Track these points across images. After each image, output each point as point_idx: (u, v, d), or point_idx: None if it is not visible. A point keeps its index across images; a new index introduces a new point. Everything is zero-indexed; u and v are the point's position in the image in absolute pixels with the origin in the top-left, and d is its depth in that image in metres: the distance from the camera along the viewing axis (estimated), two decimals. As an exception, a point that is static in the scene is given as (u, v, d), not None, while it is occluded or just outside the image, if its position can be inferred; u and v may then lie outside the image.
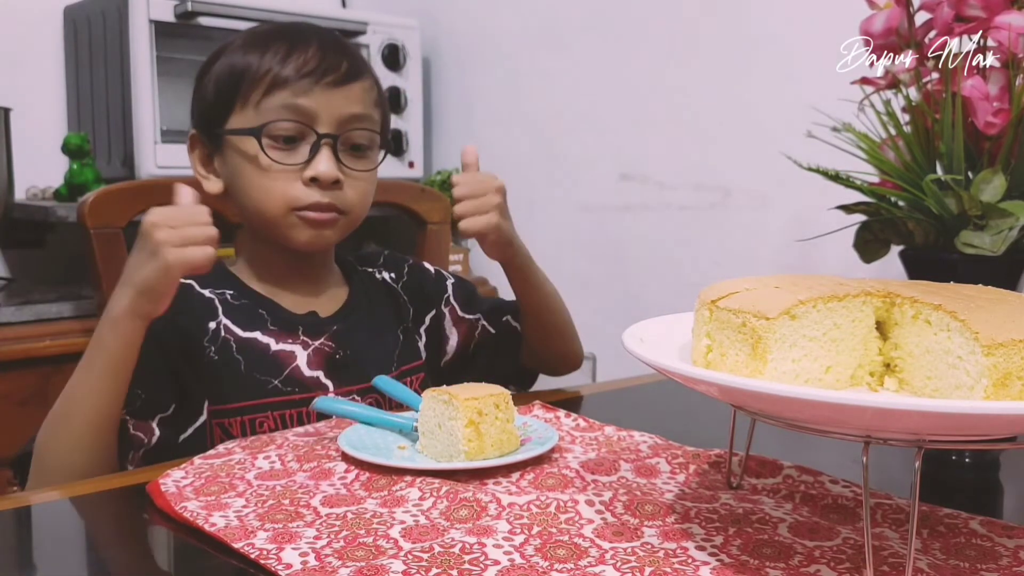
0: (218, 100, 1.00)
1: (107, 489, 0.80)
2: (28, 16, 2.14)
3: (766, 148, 1.63)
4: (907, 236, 0.95)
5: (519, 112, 2.32)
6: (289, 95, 0.97)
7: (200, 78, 1.03)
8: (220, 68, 1.01)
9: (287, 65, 0.97)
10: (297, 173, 0.98)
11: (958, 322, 0.59)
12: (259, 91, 0.97)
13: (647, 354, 0.61)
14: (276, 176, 0.98)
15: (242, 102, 0.98)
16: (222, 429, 0.96)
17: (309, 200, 0.98)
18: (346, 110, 0.99)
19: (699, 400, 0.73)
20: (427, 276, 1.19)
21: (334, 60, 0.99)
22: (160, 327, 0.94)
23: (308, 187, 0.98)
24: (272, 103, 0.97)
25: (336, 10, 2.52)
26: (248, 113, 0.98)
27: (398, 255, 1.21)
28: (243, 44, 1.00)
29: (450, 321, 1.17)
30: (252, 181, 0.99)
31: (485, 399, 0.79)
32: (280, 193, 0.98)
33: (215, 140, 1.01)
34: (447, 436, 0.79)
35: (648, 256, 2.06)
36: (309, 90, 0.97)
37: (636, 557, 0.61)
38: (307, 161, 0.98)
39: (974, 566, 0.61)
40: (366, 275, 1.15)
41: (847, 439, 0.58)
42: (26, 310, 1.77)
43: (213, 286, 1.02)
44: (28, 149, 1.98)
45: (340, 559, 0.61)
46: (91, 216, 1.17)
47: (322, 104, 0.97)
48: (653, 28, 2.01)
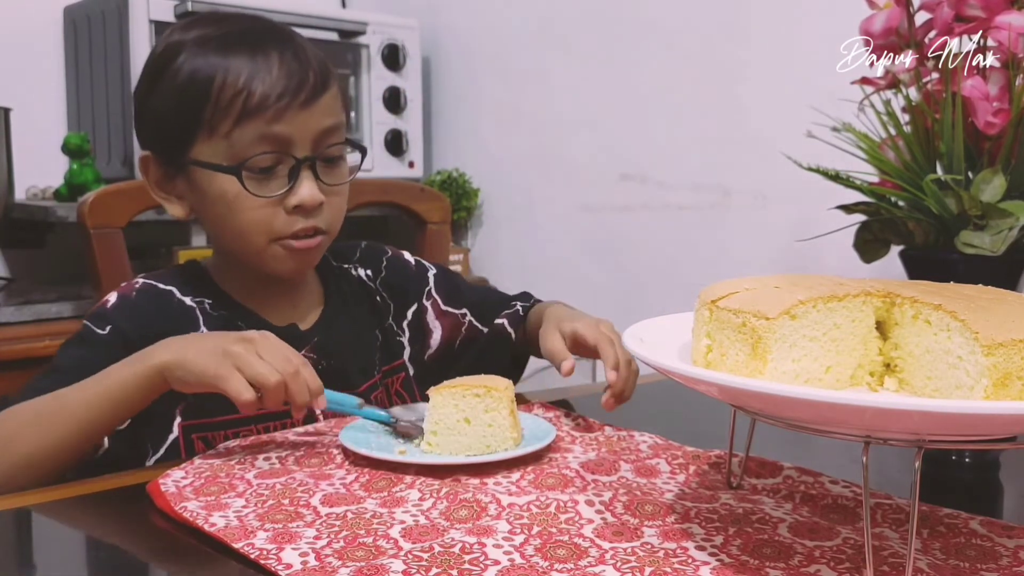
0: (179, 122, 0.93)
1: (107, 489, 0.80)
2: (28, 16, 2.14)
3: (766, 148, 1.63)
4: (907, 236, 0.95)
5: (519, 112, 2.32)
6: (263, 124, 0.90)
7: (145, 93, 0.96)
8: (172, 86, 0.93)
9: (253, 91, 0.90)
10: (278, 203, 0.93)
11: (958, 322, 0.59)
12: (227, 121, 0.90)
13: (647, 354, 0.61)
14: (256, 209, 0.92)
15: (208, 131, 0.91)
16: (205, 443, 0.93)
17: (293, 228, 0.94)
18: (320, 125, 0.93)
19: (699, 400, 0.73)
20: (407, 269, 1.15)
21: (299, 76, 0.92)
22: (135, 333, 0.91)
23: (291, 215, 0.93)
24: (244, 135, 0.90)
25: (336, 10, 2.52)
26: (217, 144, 0.91)
27: (376, 246, 1.16)
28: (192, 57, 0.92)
29: (433, 315, 1.14)
30: (230, 214, 0.93)
31: (509, 388, 0.82)
32: (262, 225, 0.93)
33: (176, 165, 0.95)
34: (482, 428, 0.80)
35: (648, 256, 2.06)
36: (282, 115, 0.91)
37: (636, 557, 0.61)
38: (288, 189, 0.93)
39: (974, 566, 0.61)
40: (342, 273, 1.10)
41: (847, 439, 0.58)
42: (26, 310, 1.78)
43: (193, 293, 0.99)
44: (28, 149, 1.98)
45: (340, 559, 0.61)
46: (91, 216, 1.17)
47: (297, 127, 0.92)
48: (653, 28, 2.01)
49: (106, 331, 0.93)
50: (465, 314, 1.15)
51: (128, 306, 0.96)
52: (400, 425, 0.88)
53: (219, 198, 0.93)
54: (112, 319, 0.94)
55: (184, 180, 0.96)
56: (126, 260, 1.19)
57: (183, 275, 1.01)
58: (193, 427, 0.94)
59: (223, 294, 1.00)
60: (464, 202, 2.38)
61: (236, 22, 0.97)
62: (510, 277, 2.40)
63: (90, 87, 2.09)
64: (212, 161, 0.92)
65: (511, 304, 1.16)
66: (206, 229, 0.99)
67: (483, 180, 2.41)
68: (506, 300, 1.17)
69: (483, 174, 2.40)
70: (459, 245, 2.46)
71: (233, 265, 1.01)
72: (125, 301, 0.96)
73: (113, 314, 0.95)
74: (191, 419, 0.94)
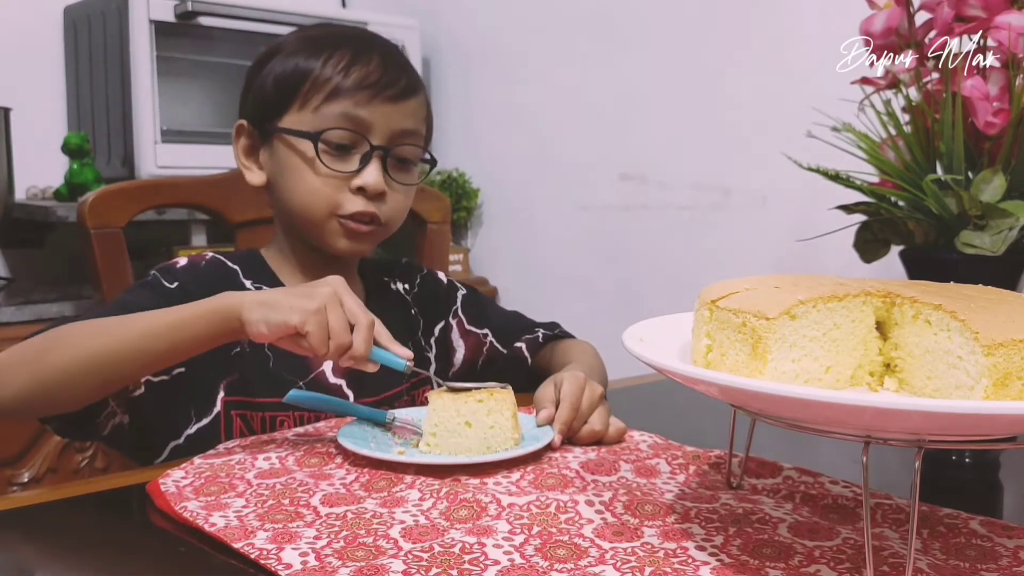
0: (276, 97, 1.01)
1: (107, 489, 0.80)
2: (28, 16, 2.14)
3: (766, 148, 1.63)
4: (907, 236, 0.95)
5: (519, 112, 2.32)
6: (349, 104, 0.98)
7: (255, 72, 1.05)
8: (281, 66, 1.02)
9: (350, 75, 0.99)
10: (345, 181, 0.99)
11: (958, 322, 0.59)
12: (319, 96, 0.99)
13: (647, 354, 0.61)
14: (325, 181, 0.99)
15: (300, 103, 1.00)
16: (244, 421, 0.97)
17: (353, 208, 0.99)
18: (400, 125, 1.00)
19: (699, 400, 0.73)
20: (439, 287, 1.20)
21: (394, 75, 1.00)
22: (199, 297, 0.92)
23: (354, 195, 0.99)
24: (331, 110, 0.98)
25: (336, 10, 2.52)
26: (305, 116, 0.99)
27: (413, 264, 1.22)
28: (306, 46, 1.01)
29: (457, 333, 1.18)
30: (301, 182, 1.00)
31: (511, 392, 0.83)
32: (326, 198, 0.99)
33: (265, 134, 1.03)
34: (483, 431, 0.80)
35: (648, 256, 2.06)
36: (368, 102, 0.99)
37: (636, 557, 0.61)
38: (357, 170, 0.99)
39: (974, 566, 0.61)
40: (383, 284, 1.15)
41: (847, 439, 0.58)
42: (26, 310, 1.78)
43: (255, 278, 1.04)
44: (28, 149, 1.98)
45: (340, 559, 0.61)
46: (91, 216, 1.16)
47: (379, 117, 0.99)
48: (653, 28, 2.01)
49: (174, 285, 0.98)
50: (487, 335, 1.18)
51: (196, 271, 1.01)
52: (396, 425, 0.88)
53: (294, 166, 1.00)
54: (180, 277, 0.99)
55: (268, 150, 1.03)
56: (126, 260, 1.19)
57: (247, 260, 1.06)
58: (234, 404, 0.97)
59: (280, 283, 1.05)
60: (464, 202, 2.38)
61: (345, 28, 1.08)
62: (510, 277, 2.40)
63: (90, 87, 2.08)
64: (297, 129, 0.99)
65: (534, 330, 1.19)
66: (278, 197, 1.04)
67: (483, 180, 2.41)
68: (530, 326, 1.20)
69: (483, 174, 2.40)
70: (459, 245, 2.46)
71: (291, 250, 1.06)
72: (194, 267, 1.02)
73: (182, 273, 1.00)
74: (234, 396, 0.97)
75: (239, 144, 1.06)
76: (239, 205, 1.26)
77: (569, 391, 0.88)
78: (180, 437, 0.96)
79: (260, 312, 0.81)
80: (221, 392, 0.97)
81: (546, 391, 0.90)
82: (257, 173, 1.05)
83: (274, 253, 1.08)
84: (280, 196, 1.03)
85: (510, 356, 1.18)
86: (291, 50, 1.02)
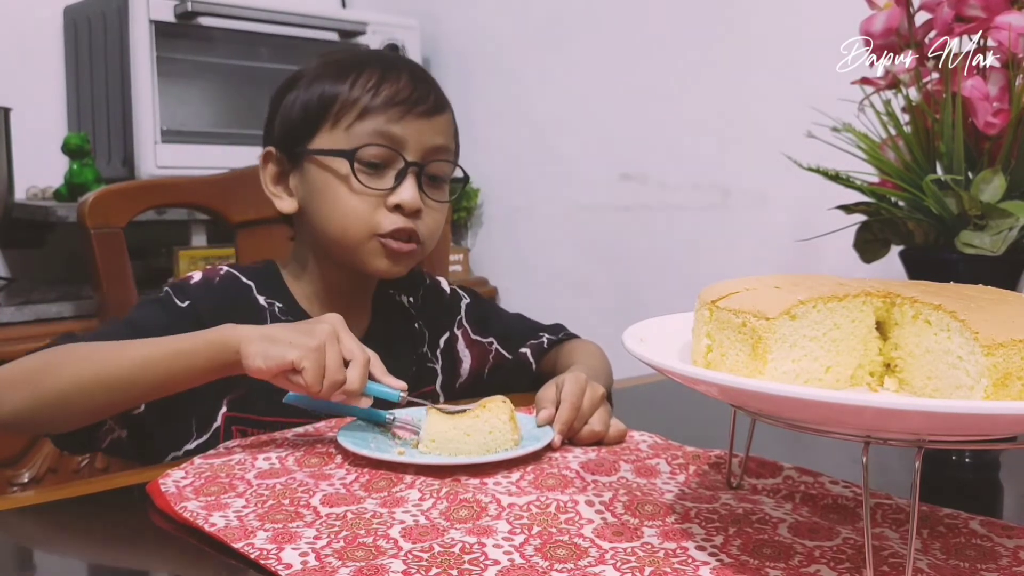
0: (306, 120, 1.00)
1: (107, 489, 0.80)
2: (28, 16, 2.14)
3: (766, 148, 1.63)
4: (907, 236, 0.95)
5: (519, 112, 2.32)
6: (382, 121, 0.98)
7: (278, 100, 1.04)
8: (307, 92, 1.01)
9: (380, 92, 0.98)
10: (381, 199, 0.99)
11: (958, 322, 0.59)
12: (351, 115, 0.98)
13: (647, 354, 0.61)
14: (361, 199, 0.98)
15: (331, 124, 0.99)
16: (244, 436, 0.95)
17: (391, 227, 0.98)
18: (432, 141, 1.00)
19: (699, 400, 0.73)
20: (443, 297, 1.19)
21: (424, 91, 1.01)
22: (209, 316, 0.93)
23: (391, 213, 0.99)
24: (364, 128, 0.98)
25: (336, 10, 2.52)
26: (337, 135, 0.99)
27: (416, 274, 1.20)
28: (330, 70, 1.01)
29: (463, 343, 1.17)
30: (336, 202, 0.99)
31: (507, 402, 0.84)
32: (364, 217, 0.98)
33: (295, 158, 1.02)
34: (484, 436, 0.80)
35: (648, 256, 2.06)
36: (400, 118, 0.98)
37: (636, 557, 0.61)
38: (392, 187, 0.98)
39: (974, 566, 0.61)
40: (388, 297, 1.14)
41: (847, 439, 0.58)
42: (26, 310, 1.77)
43: (268, 294, 1.03)
44: (28, 149, 1.98)
45: (340, 559, 0.61)
46: (91, 216, 1.16)
47: (411, 133, 0.99)
48: (653, 28, 2.01)
49: (185, 304, 0.97)
50: (492, 342, 1.18)
51: (210, 288, 1.00)
52: (396, 425, 0.88)
53: (329, 187, 0.99)
54: (192, 295, 0.98)
55: (298, 175, 1.02)
56: (126, 260, 1.19)
57: (262, 274, 1.05)
58: (236, 420, 0.97)
59: (292, 299, 1.05)
60: (464, 202, 2.38)
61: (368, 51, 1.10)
62: (510, 277, 2.40)
63: (90, 87, 2.08)
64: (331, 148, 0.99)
65: (538, 335, 1.19)
66: (312, 222, 1.03)
67: (483, 180, 2.41)
68: (535, 330, 1.20)
69: (483, 174, 2.40)
70: (459, 245, 2.45)
71: (317, 272, 1.05)
72: (208, 283, 1.01)
73: (195, 291, 0.99)
74: (236, 411, 0.96)
75: (267, 172, 1.04)
76: (239, 205, 1.26)
77: (570, 391, 0.87)
78: (180, 450, 0.96)
79: (259, 346, 0.81)
80: (223, 408, 0.96)
81: (547, 391, 0.90)
82: (288, 200, 1.04)
83: (293, 272, 1.07)
84: (314, 220, 1.02)
85: (515, 362, 1.17)
86: (315, 75, 1.01)
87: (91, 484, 0.81)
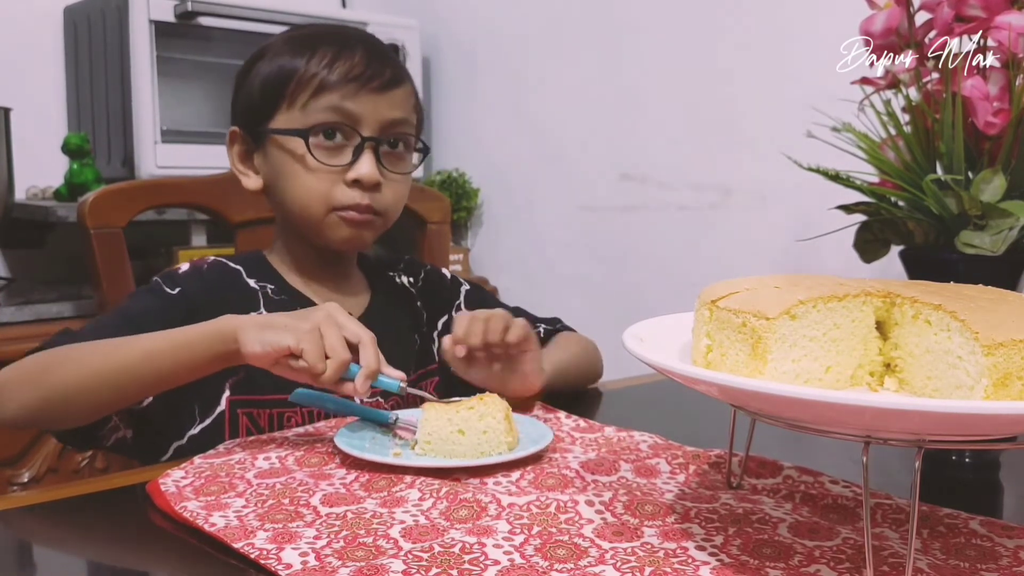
0: (264, 99, 1.02)
1: (107, 489, 0.80)
2: (28, 16, 2.14)
3: (766, 148, 1.63)
4: (907, 236, 0.95)
5: (519, 112, 2.32)
6: (336, 98, 0.99)
7: (243, 77, 1.06)
8: (267, 68, 1.02)
9: (334, 69, 0.99)
10: (339, 174, 1.00)
11: (958, 322, 0.59)
12: (306, 93, 0.99)
13: (647, 354, 0.61)
14: (320, 176, 1.00)
15: (288, 103, 1.00)
16: (250, 419, 0.97)
17: (350, 201, 1.00)
18: (389, 115, 1.01)
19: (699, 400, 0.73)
20: (443, 282, 1.21)
21: (379, 67, 1.01)
22: (203, 301, 0.96)
23: (350, 188, 1.00)
24: (319, 105, 0.99)
25: (336, 10, 2.52)
26: (294, 114, 1.00)
27: (416, 260, 1.23)
28: (289, 46, 1.02)
29: None
30: (296, 180, 1.01)
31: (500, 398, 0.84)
32: (323, 193, 1.00)
33: (258, 137, 1.03)
34: (476, 436, 0.80)
35: (648, 256, 2.06)
36: (355, 94, 0.99)
37: (636, 557, 0.61)
38: (350, 163, 1.00)
39: (974, 566, 0.61)
40: (387, 278, 1.16)
41: (847, 439, 0.58)
42: (26, 310, 1.78)
43: (258, 277, 1.05)
44: (28, 149, 1.98)
45: (340, 559, 0.61)
46: (91, 216, 1.17)
47: (367, 108, 1.00)
48: (653, 28, 2.01)
49: (175, 291, 0.99)
50: None
51: (199, 275, 1.02)
52: (399, 426, 0.88)
53: (288, 166, 1.01)
54: (182, 283, 1.00)
55: (261, 154, 1.04)
56: (126, 260, 1.19)
57: (250, 260, 1.07)
58: (240, 402, 0.97)
59: (284, 281, 1.06)
60: (464, 202, 2.38)
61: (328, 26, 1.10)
62: (510, 277, 2.40)
63: (90, 87, 2.08)
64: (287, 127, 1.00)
65: (535, 325, 1.18)
66: (276, 199, 1.05)
67: (483, 180, 2.41)
68: (532, 320, 1.19)
69: (483, 174, 2.40)
70: (459, 245, 2.45)
71: (291, 251, 1.07)
72: (197, 270, 1.03)
73: (184, 279, 1.01)
74: (240, 394, 0.97)
75: (233, 151, 1.06)
76: (239, 205, 1.26)
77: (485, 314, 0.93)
78: (183, 438, 0.96)
79: (256, 332, 0.82)
80: (227, 391, 0.97)
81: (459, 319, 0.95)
82: (253, 178, 1.05)
83: (276, 254, 1.09)
84: (278, 198, 1.04)
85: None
86: (275, 52, 1.03)
87: (91, 484, 0.81)
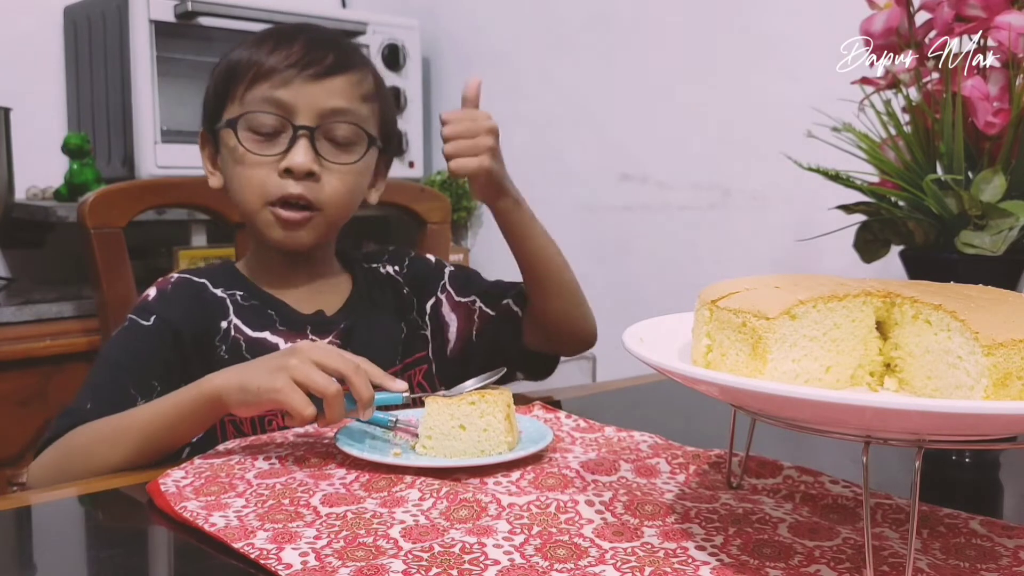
0: (216, 97, 1.03)
1: (107, 489, 0.80)
2: (28, 16, 2.14)
3: (766, 148, 1.63)
4: (907, 236, 0.95)
5: (519, 112, 2.32)
6: (268, 87, 0.98)
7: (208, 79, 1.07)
8: (219, 67, 1.04)
9: (270, 59, 0.99)
10: (274, 165, 0.99)
11: (958, 322, 0.59)
12: (243, 84, 0.99)
13: (647, 354, 0.61)
14: (254, 168, 0.99)
15: (231, 97, 1.01)
16: (234, 426, 0.97)
17: (282, 192, 0.99)
18: (327, 103, 1.00)
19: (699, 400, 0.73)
20: (427, 265, 1.20)
21: (318, 54, 1.00)
22: (178, 321, 0.97)
23: (283, 178, 0.99)
24: (253, 95, 0.99)
25: (336, 10, 2.52)
26: (234, 107, 1.00)
27: (401, 248, 1.22)
28: (243, 44, 1.03)
29: (448, 307, 1.16)
30: (233, 173, 1.01)
31: (505, 393, 0.83)
32: (256, 185, 0.99)
33: (215, 136, 1.04)
34: (477, 434, 0.80)
35: (648, 256, 2.05)
36: (288, 82, 0.98)
37: (636, 557, 0.61)
38: (284, 152, 0.99)
39: (974, 566, 0.61)
40: (370, 270, 1.15)
41: (847, 439, 0.58)
42: (26, 310, 1.77)
43: (225, 286, 1.04)
44: (28, 149, 1.98)
45: (340, 559, 0.61)
46: (91, 216, 1.17)
47: (301, 96, 0.98)
48: (653, 28, 2.01)
49: (151, 321, 0.99)
50: (475, 300, 1.17)
51: (167, 297, 1.02)
52: (399, 427, 0.88)
53: (228, 160, 1.01)
54: (155, 310, 1.00)
55: (219, 152, 1.04)
56: (126, 260, 1.19)
57: (215, 271, 1.07)
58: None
59: (253, 286, 1.06)
60: (464, 202, 2.38)
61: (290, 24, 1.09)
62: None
63: (90, 87, 2.08)
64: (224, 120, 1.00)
65: (518, 286, 1.17)
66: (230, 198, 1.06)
67: (483, 180, 2.41)
68: (515, 284, 1.18)
69: (483, 174, 2.40)
70: (459, 245, 2.45)
71: (257, 254, 1.07)
72: (163, 293, 1.03)
73: (155, 306, 1.01)
74: None
75: (205, 153, 1.07)
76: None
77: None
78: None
79: (237, 396, 0.82)
80: None
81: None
82: (216, 177, 1.06)
83: (245, 260, 1.09)
84: (229, 195, 1.04)
85: (500, 316, 1.15)
86: (231, 51, 1.04)
87: (91, 484, 0.81)
